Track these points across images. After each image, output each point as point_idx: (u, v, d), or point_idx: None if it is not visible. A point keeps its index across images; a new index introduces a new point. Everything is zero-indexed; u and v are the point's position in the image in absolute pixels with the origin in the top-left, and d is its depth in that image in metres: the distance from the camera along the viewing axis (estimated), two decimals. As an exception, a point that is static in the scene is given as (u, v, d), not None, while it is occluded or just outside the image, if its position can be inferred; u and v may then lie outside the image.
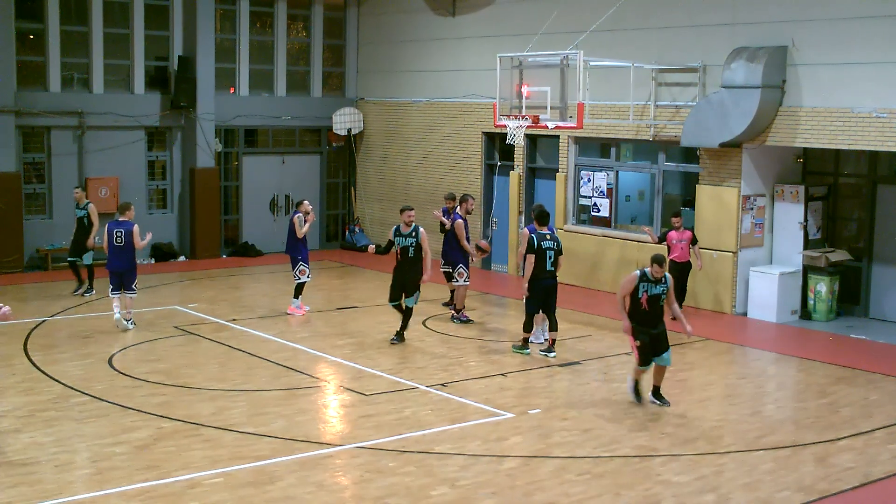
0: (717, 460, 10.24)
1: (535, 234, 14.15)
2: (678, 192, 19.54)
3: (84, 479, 9.40)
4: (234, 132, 23.74)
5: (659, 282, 11.71)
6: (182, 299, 18.08)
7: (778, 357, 15.00)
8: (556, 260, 14.12)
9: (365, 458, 10.07)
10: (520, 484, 9.43)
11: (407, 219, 14.75)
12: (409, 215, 14.77)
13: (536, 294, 14.07)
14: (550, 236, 14.19)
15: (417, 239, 14.69)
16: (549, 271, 14.06)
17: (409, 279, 14.72)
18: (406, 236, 14.73)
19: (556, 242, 14.18)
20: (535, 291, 14.06)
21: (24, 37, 21.31)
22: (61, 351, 14.28)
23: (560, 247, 14.24)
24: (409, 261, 14.72)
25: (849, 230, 17.95)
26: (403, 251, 14.73)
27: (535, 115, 16.19)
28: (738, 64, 16.66)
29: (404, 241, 14.73)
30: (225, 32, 23.63)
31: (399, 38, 24.05)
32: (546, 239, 14.09)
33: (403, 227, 14.76)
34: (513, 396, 12.33)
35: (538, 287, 14.03)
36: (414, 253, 14.69)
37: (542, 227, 14.26)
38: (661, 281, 11.73)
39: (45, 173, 21.46)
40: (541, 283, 14.02)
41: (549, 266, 14.05)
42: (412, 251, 14.70)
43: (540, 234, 14.16)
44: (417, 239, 14.69)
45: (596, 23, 17.68)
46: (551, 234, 14.30)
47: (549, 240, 14.11)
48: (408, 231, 14.72)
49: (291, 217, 16.81)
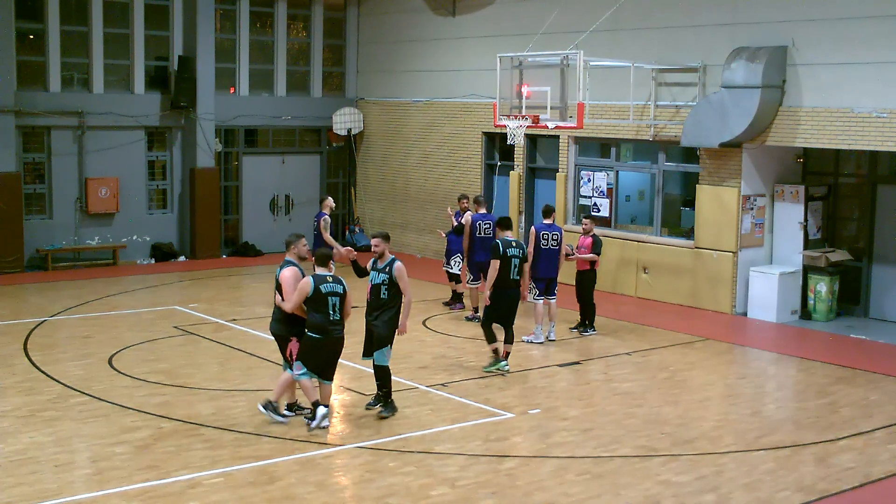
0: (717, 460, 10.24)
1: (501, 240, 13.29)
2: (678, 192, 19.57)
3: (84, 479, 9.40)
4: (235, 132, 23.74)
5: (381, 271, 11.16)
6: (182, 299, 18.08)
7: (778, 357, 15.00)
8: (520, 268, 13.24)
9: (365, 457, 10.07)
10: (520, 484, 9.44)
11: (373, 247, 11.43)
12: (374, 243, 11.39)
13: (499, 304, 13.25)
14: (516, 243, 13.31)
15: (391, 275, 11.22)
16: (513, 280, 13.24)
17: (376, 328, 11.34)
18: (379, 270, 11.35)
19: (521, 250, 13.32)
20: (499, 301, 13.25)
21: (25, 37, 21.31)
22: (61, 351, 14.28)
23: (525, 254, 13.37)
24: (378, 303, 11.32)
25: (849, 230, 17.95)
26: (374, 290, 11.33)
27: (536, 115, 16.19)
28: (738, 64, 16.66)
29: (376, 276, 11.32)
30: (225, 32, 23.63)
31: (399, 38, 24.05)
32: (511, 246, 13.23)
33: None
34: (513, 396, 12.33)
35: (502, 297, 13.23)
36: (387, 294, 11.28)
37: (506, 232, 13.41)
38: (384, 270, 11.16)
39: (46, 173, 21.45)
40: (505, 292, 13.23)
41: (514, 275, 13.22)
42: (384, 291, 11.29)
43: (506, 240, 13.29)
44: (391, 275, 11.22)
45: (596, 23, 17.69)
46: (517, 241, 13.43)
47: (515, 247, 13.23)
48: (382, 265, 11.36)
49: (318, 218, 16.68)
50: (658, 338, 15.74)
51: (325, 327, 10.63)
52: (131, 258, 22.19)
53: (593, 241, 15.51)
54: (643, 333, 16.05)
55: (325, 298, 10.59)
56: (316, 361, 10.72)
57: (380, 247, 11.26)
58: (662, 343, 15.40)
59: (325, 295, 10.59)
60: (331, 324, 10.66)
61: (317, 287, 10.58)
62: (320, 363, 10.75)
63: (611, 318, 16.85)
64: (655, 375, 13.55)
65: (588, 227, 15.70)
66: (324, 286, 10.62)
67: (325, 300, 10.59)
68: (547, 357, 14.17)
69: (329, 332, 10.66)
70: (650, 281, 18.73)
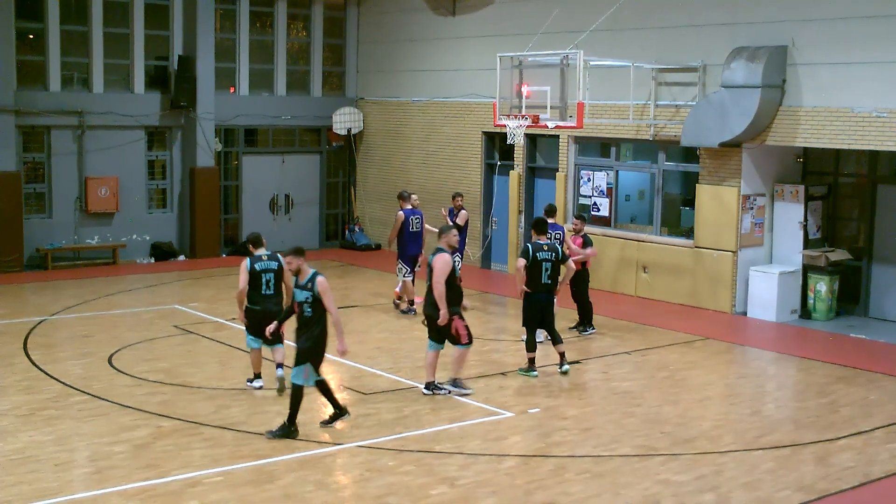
0: (716, 459, 10.24)
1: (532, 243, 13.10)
2: (678, 192, 19.56)
3: (84, 477, 9.40)
4: (234, 132, 23.73)
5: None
6: (182, 298, 18.07)
7: (778, 356, 15.00)
8: (552, 272, 12.94)
9: (364, 457, 10.07)
10: (519, 483, 9.43)
11: (287, 266, 10.86)
12: (287, 261, 10.72)
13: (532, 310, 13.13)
14: (549, 247, 13.06)
15: (314, 292, 10.48)
16: (544, 284, 12.99)
17: (301, 345, 10.59)
18: (301, 287, 10.58)
19: (554, 253, 13.02)
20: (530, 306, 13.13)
21: (24, 36, 21.30)
22: (61, 350, 14.29)
23: (559, 256, 13.05)
24: (304, 322, 10.56)
25: (849, 230, 17.94)
26: (298, 308, 10.62)
27: (535, 115, 16.19)
28: (738, 63, 16.66)
29: (298, 293, 10.61)
30: (225, 32, 23.62)
31: (399, 38, 24.05)
32: (543, 250, 13.02)
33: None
34: (512, 395, 12.33)
35: (533, 302, 13.08)
36: (311, 311, 10.50)
37: (539, 237, 13.24)
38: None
39: (45, 173, 21.45)
40: (534, 297, 13.05)
41: (545, 279, 12.96)
42: (308, 309, 10.51)
43: (537, 243, 13.10)
44: (314, 292, 10.48)
45: (596, 22, 17.69)
46: (549, 244, 13.15)
47: (547, 250, 13.01)
48: (303, 281, 10.57)
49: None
50: (658, 337, 15.74)
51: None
52: (131, 257, 22.19)
53: (584, 241, 15.53)
54: (643, 333, 16.05)
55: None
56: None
57: (293, 264, 10.50)
58: (662, 342, 15.39)
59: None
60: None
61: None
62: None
63: (610, 318, 16.84)
64: (655, 375, 13.55)
65: (578, 226, 15.71)
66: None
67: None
68: (547, 356, 14.15)
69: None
70: (650, 280, 18.73)
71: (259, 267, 11.93)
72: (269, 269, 11.98)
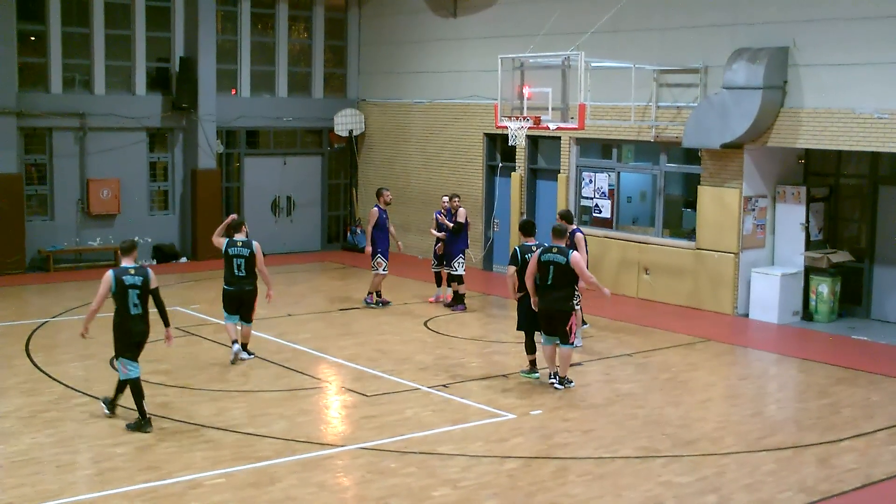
0: (718, 461, 10.24)
1: (520, 246, 12.88)
2: (680, 193, 19.56)
3: (85, 479, 9.40)
4: (236, 133, 23.75)
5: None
6: (184, 300, 18.07)
7: (779, 358, 14.99)
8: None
9: (366, 458, 10.07)
10: (521, 485, 9.43)
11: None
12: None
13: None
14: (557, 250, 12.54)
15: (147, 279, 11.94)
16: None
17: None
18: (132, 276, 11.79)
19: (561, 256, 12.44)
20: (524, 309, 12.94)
21: (26, 38, 21.31)
22: (63, 352, 14.29)
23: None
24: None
25: (850, 231, 17.94)
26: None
27: (537, 117, 16.20)
28: (739, 65, 16.66)
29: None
30: (226, 34, 23.64)
31: (400, 40, 24.06)
32: (531, 251, 12.70)
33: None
34: (514, 397, 12.33)
35: (525, 305, 12.86)
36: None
37: (527, 238, 13.08)
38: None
39: (47, 175, 21.47)
40: (527, 300, 12.82)
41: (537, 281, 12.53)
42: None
43: (525, 245, 12.92)
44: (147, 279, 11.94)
45: (597, 24, 17.69)
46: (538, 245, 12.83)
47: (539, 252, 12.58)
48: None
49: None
50: (659, 339, 15.74)
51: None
52: (133, 259, 22.14)
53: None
54: (645, 334, 16.04)
55: None
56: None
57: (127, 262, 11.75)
58: (664, 344, 15.39)
59: None
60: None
61: None
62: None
63: (612, 320, 16.84)
64: (657, 376, 13.54)
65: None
66: None
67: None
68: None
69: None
70: (651, 282, 18.72)
71: (232, 252, 13.66)
72: (241, 255, 13.65)
